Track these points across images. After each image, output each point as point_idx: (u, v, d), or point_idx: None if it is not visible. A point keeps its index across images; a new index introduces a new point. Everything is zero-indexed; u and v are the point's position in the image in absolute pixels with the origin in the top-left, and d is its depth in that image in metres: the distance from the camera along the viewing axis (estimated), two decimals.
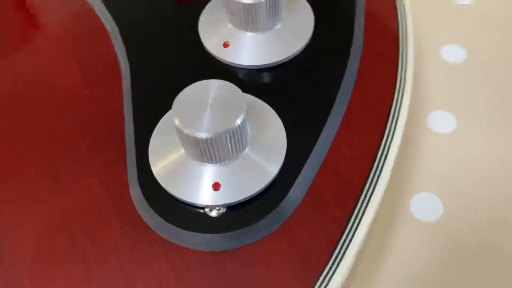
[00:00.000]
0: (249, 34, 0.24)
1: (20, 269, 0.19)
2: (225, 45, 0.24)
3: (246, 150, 0.20)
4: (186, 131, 0.18)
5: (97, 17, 0.27)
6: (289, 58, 0.24)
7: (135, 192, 0.20)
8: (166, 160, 0.20)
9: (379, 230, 0.28)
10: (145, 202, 0.19)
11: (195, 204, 0.19)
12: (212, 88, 0.19)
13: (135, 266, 0.18)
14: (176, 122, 0.18)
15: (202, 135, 0.18)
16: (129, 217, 0.20)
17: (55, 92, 0.24)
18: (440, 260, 0.28)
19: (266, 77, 0.23)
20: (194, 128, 0.18)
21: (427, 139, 0.33)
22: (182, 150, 0.20)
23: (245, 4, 0.22)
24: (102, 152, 0.22)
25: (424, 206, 0.30)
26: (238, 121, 0.18)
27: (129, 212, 0.20)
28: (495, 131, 0.33)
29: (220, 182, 0.19)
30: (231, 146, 0.19)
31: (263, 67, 0.23)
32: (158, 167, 0.20)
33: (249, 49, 0.24)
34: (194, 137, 0.18)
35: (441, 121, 0.34)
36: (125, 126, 0.22)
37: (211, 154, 0.19)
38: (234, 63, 0.24)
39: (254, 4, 0.22)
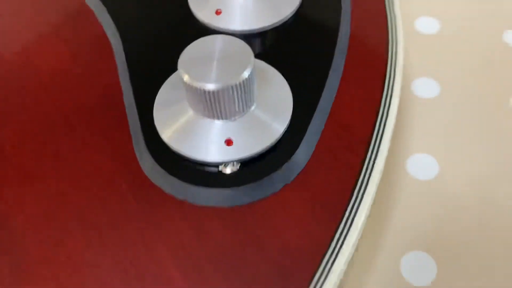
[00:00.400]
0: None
1: (31, 248, 0.18)
2: (218, 12, 0.24)
3: (253, 107, 0.20)
4: (195, 84, 0.17)
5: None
6: (284, 20, 0.24)
7: (144, 159, 0.20)
8: (174, 123, 0.20)
9: (379, 190, 0.28)
10: (157, 166, 0.19)
11: (210, 162, 0.19)
12: (217, 43, 0.19)
13: (154, 231, 0.18)
14: (185, 76, 0.18)
15: (212, 86, 0.17)
16: (140, 185, 0.19)
17: (46, 76, 0.23)
18: (439, 215, 0.28)
19: (264, 40, 0.23)
20: (203, 80, 0.18)
21: (414, 104, 0.34)
22: (190, 111, 0.19)
23: None
24: (103, 126, 0.21)
25: (420, 166, 0.30)
26: (246, 73, 0.18)
27: (140, 179, 0.19)
28: (477, 92, 0.34)
29: (232, 138, 0.19)
30: (240, 99, 0.18)
31: (258, 30, 0.24)
32: (167, 131, 0.20)
33: (242, 14, 0.24)
34: (204, 90, 0.18)
35: (425, 87, 0.35)
36: (124, 98, 0.22)
37: (221, 108, 0.18)
38: (229, 30, 0.24)
39: None
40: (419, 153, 0.31)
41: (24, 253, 0.18)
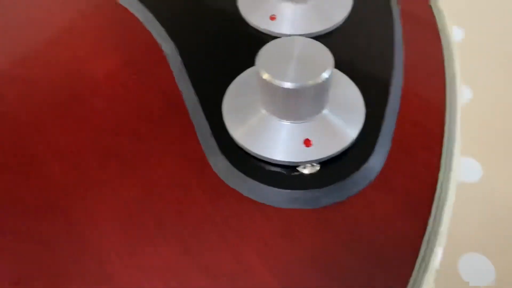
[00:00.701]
0: (294, 5, 0.24)
1: (109, 255, 0.17)
2: (272, 18, 0.24)
3: (327, 107, 0.19)
4: (275, 82, 0.17)
5: (124, 9, 0.26)
6: (338, 25, 0.24)
7: (218, 161, 0.19)
8: (247, 124, 0.19)
9: None
10: (233, 169, 0.19)
11: (289, 162, 0.18)
12: (296, 44, 0.18)
13: (237, 235, 0.17)
14: (265, 75, 0.17)
15: (291, 85, 0.17)
16: (216, 188, 0.19)
17: (104, 82, 0.23)
18: (488, 217, 0.28)
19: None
20: (283, 79, 0.17)
21: None
22: (262, 112, 0.19)
23: None
24: (168, 131, 0.21)
25: (464, 169, 0.30)
26: (326, 74, 0.18)
27: (215, 183, 0.19)
28: (509, 95, 0.35)
29: (310, 139, 0.19)
30: (317, 100, 0.18)
31: (312, 35, 0.23)
32: (240, 133, 0.19)
33: (296, 20, 0.24)
34: (283, 88, 0.17)
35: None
36: (185, 102, 0.21)
37: (298, 108, 0.18)
38: (283, 34, 0.23)
39: None
40: (464, 156, 0.31)
41: (104, 264, 0.17)
